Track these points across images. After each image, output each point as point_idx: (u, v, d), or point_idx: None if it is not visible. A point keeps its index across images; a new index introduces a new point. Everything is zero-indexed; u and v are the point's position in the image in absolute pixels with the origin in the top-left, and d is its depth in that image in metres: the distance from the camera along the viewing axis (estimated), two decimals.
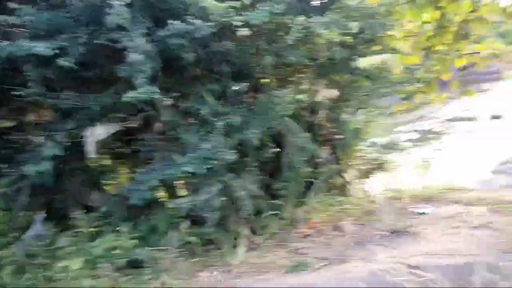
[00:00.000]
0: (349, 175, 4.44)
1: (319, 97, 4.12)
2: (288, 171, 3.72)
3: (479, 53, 5.35)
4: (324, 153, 4.19)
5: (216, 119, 3.24)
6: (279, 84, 4.27)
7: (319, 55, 4.04)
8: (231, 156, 3.03)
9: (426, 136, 10.24)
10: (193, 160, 3.11)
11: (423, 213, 3.45)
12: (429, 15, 4.88)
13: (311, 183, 3.97)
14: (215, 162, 3.04)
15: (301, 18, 3.51)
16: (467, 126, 10.26)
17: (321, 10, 3.93)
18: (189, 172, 3.08)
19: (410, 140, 10.17)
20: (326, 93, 4.09)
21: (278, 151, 3.77)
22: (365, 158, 4.67)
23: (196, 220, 3.42)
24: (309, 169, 3.92)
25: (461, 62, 5.35)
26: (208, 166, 3.05)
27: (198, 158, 3.09)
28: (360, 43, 4.17)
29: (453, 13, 4.76)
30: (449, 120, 10.70)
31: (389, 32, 4.65)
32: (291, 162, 3.64)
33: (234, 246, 3.47)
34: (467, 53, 5.33)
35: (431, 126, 10.50)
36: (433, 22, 4.96)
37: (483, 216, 3.06)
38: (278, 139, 3.67)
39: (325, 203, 3.91)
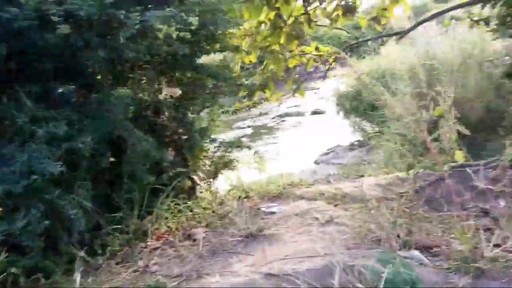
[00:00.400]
0: (197, 177, 4.06)
1: (162, 96, 3.63)
2: (129, 179, 3.14)
3: (308, 54, 5.50)
4: (170, 155, 3.72)
5: (35, 126, 2.49)
6: (117, 83, 3.66)
7: (160, 50, 3.55)
8: (56, 169, 2.34)
9: (260, 131, 10.51)
10: (6, 176, 2.34)
11: (273, 212, 3.25)
12: (264, 15, 4.79)
13: (157, 189, 3.46)
14: (36, 177, 2.32)
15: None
16: (295, 121, 10.89)
17: (161, 2, 3.44)
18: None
19: (246, 136, 10.37)
20: (169, 92, 3.61)
21: (118, 158, 3.16)
22: (212, 157, 4.34)
23: (16, 248, 2.63)
24: (154, 174, 3.40)
25: (293, 62, 5.44)
26: (27, 183, 2.31)
27: (13, 173, 2.33)
28: (202, 40, 3.80)
29: (287, 14, 4.75)
30: (280, 116, 11.23)
31: (229, 30, 4.40)
32: (133, 169, 3.08)
33: (69, 272, 2.79)
34: (298, 54, 5.44)
35: (265, 122, 10.86)
36: (268, 22, 4.90)
37: (327, 212, 2.98)
38: (117, 144, 3.06)
39: (174, 210, 3.45)
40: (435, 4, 17.42)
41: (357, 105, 8.60)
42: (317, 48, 5.41)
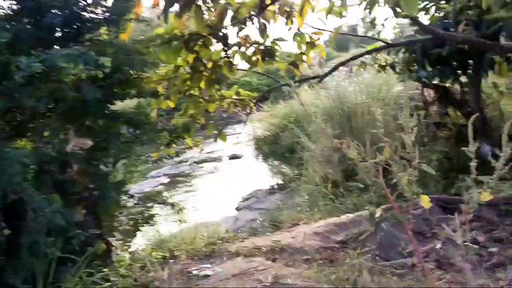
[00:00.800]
0: (113, 238, 3.53)
1: (69, 148, 3.14)
2: (29, 251, 2.58)
3: (228, 98, 5.35)
4: (80, 216, 3.19)
5: None
6: (13, 135, 3.11)
7: (66, 96, 3.10)
8: None
9: (177, 180, 10.05)
10: None
11: (207, 275, 2.85)
12: (183, 58, 4.57)
13: (65, 259, 2.89)
14: None
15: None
16: (212, 167, 10.58)
17: (67, 42, 3.05)
18: None
19: (162, 185, 9.81)
20: (78, 142, 3.14)
21: (16, 222, 2.60)
22: (130, 214, 3.85)
23: None
24: (61, 242, 2.85)
25: (213, 107, 5.22)
26: None
27: None
28: (116, 83, 3.43)
29: (207, 58, 4.57)
30: (196, 162, 10.86)
31: (144, 74, 4.08)
32: (33, 239, 2.53)
33: None
34: (219, 98, 5.25)
35: (181, 169, 10.40)
36: (186, 66, 4.67)
37: (270, 270, 2.67)
38: (13, 209, 2.51)
39: (86, 282, 2.89)
40: (337, 52, 18.77)
41: (276, 148, 8.61)
42: (237, 93, 5.29)
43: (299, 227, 3.61)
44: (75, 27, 3.02)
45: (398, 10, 6.29)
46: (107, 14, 3.20)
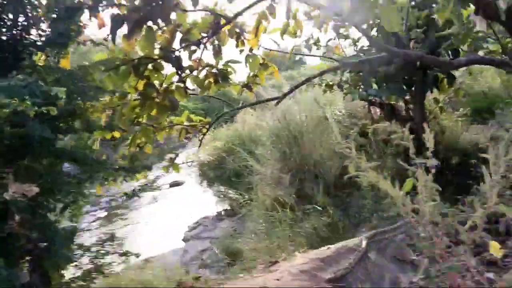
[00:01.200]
0: None
1: (8, 195, 2.62)
2: None
3: (179, 125, 5.01)
4: (26, 276, 2.68)
5: None
6: None
7: (2, 132, 2.60)
8: None
9: (115, 213, 9.34)
10: None
11: None
12: (131, 84, 4.17)
13: None
14: None
15: None
16: (152, 197, 9.97)
17: (5, 69, 2.57)
18: None
19: (100, 220, 9.04)
20: (20, 188, 2.64)
21: None
22: (80, 266, 3.35)
23: None
24: None
25: (162, 135, 4.86)
26: None
27: None
28: (65, 116, 2.97)
29: (158, 83, 4.22)
30: (134, 192, 10.16)
31: (90, 103, 3.65)
32: None
33: None
34: (168, 125, 4.90)
35: (119, 201, 9.69)
36: (135, 92, 4.28)
37: None
38: None
39: None
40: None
41: (221, 173, 8.30)
42: (189, 118, 4.96)
43: (279, 265, 3.32)
44: (15, 51, 2.56)
45: (341, 31, 6.42)
46: (50, 36, 2.77)
